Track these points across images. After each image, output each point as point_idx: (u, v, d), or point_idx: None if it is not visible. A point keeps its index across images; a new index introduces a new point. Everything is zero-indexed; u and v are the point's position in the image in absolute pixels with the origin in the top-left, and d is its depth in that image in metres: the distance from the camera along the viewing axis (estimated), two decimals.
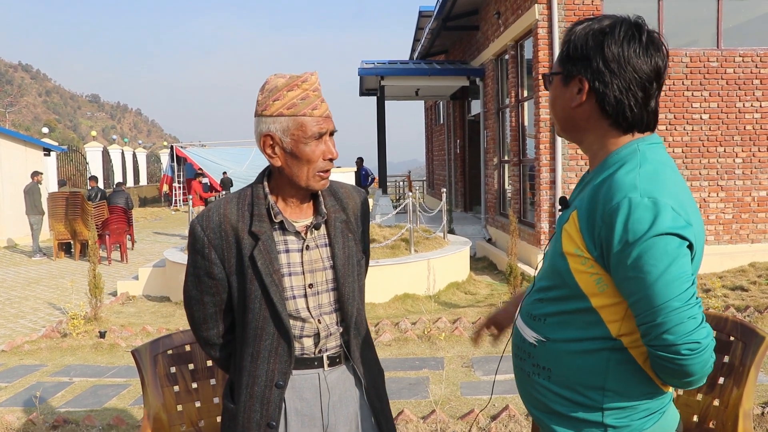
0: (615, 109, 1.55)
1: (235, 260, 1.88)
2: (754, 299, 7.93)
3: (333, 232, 1.96)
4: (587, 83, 1.56)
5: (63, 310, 8.83)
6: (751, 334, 2.48)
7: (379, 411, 2.04)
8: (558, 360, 1.61)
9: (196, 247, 1.91)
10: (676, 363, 1.42)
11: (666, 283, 1.39)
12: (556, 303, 1.62)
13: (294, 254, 1.91)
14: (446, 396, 4.98)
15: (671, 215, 1.40)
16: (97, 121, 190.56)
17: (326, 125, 1.85)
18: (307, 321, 1.91)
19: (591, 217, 1.49)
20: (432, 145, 25.23)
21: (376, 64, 15.97)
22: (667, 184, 1.46)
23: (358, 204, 2.07)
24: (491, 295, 9.18)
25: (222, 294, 1.93)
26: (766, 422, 4.27)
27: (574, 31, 1.60)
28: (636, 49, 1.53)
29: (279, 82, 1.83)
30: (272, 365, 1.89)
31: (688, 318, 1.39)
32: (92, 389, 5.45)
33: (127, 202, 14.34)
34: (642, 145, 1.55)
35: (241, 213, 1.89)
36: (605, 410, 1.56)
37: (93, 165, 27.69)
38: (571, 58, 1.59)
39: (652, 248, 1.39)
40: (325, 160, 1.87)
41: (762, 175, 10.48)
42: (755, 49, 10.33)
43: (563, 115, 1.65)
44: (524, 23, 10.78)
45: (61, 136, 77.52)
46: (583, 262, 1.52)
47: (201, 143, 33.67)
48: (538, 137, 10.35)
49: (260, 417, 1.89)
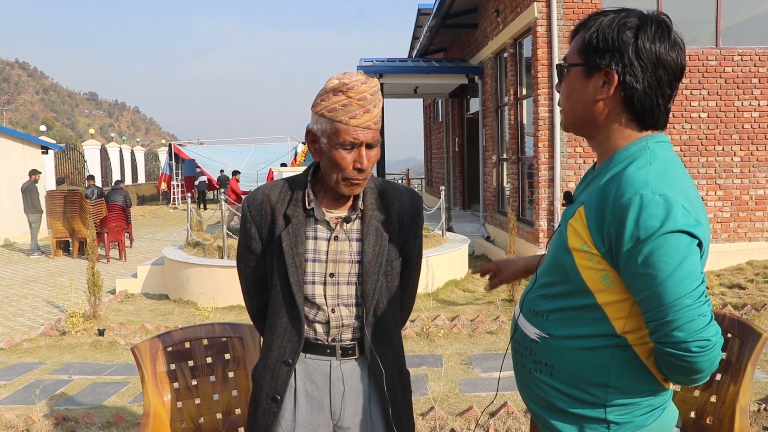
0: (643, 104, 1.54)
1: (268, 238, 2.00)
2: (751, 297, 7.95)
3: (366, 228, 1.99)
4: (617, 76, 1.53)
5: (62, 308, 8.83)
6: (748, 330, 2.50)
7: (393, 415, 2.02)
8: (561, 357, 1.60)
9: (243, 221, 2.06)
10: (685, 360, 1.42)
11: (677, 280, 1.39)
12: (560, 299, 1.61)
13: (321, 242, 1.98)
14: (445, 393, 4.99)
15: (682, 213, 1.40)
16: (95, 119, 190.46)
17: (362, 136, 1.86)
18: (321, 308, 1.98)
19: (600, 212, 1.49)
20: (430, 143, 25.24)
21: (374, 62, 15.97)
22: (677, 182, 1.46)
23: (406, 206, 2.08)
24: (490, 292, 9.19)
25: (260, 268, 2.04)
26: (763, 419, 4.29)
27: (600, 21, 1.57)
28: (666, 47, 1.52)
29: (330, 84, 1.86)
30: (285, 342, 1.99)
31: (699, 315, 1.39)
32: (91, 387, 5.46)
33: (125, 200, 14.35)
34: (651, 143, 1.55)
35: (282, 196, 2.01)
36: (608, 407, 1.56)
37: (91, 163, 27.65)
38: (599, 50, 1.55)
39: (664, 245, 1.39)
40: (354, 169, 1.89)
41: (760, 173, 10.49)
42: (754, 47, 10.34)
43: (581, 108, 1.61)
44: (523, 21, 10.79)
45: (58, 134, 77.42)
46: (589, 258, 1.52)
47: (199, 141, 33.64)
48: (537, 135, 10.36)
49: (269, 388, 2.01)
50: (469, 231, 13.95)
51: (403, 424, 2.07)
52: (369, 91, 1.86)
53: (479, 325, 6.94)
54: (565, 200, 1.70)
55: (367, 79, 1.87)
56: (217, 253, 9.30)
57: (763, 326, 6.45)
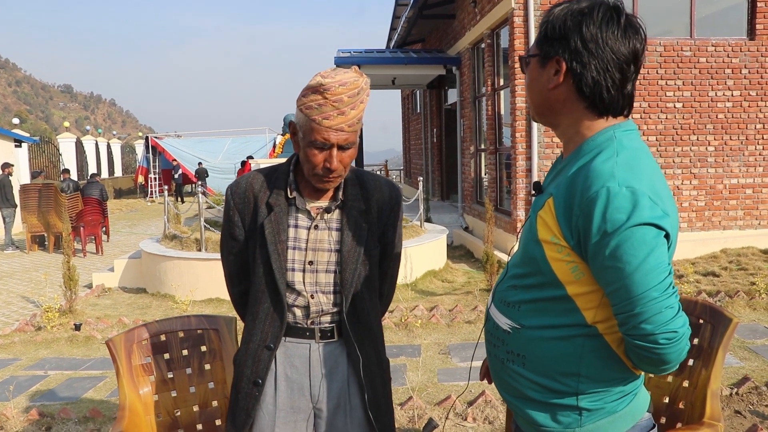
0: (592, 90, 1.54)
1: (251, 226, 2.04)
2: (725, 284, 8.07)
3: (346, 218, 2.04)
4: (565, 64, 1.55)
5: (37, 304, 8.74)
6: (719, 316, 2.53)
7: (371, 397, 2.08)
8: (532, 347, 1.61)
9: (226, 209, 2.10)
10: (653, 352, 1.43)
11: (644, 273, 1.40)
12: (531, 290, 1.62)
13: (302, 231, 2.03)
14: (423, 383, 5.01)
15: (649, 205, 1.40)
16: (70, 112, 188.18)
17: (334, 138, 1.88)
18: (300, 294, 2.02)
19: (568, 205, 1.49)
20: (409, 135, 25.23)
21: (352, 53, 15.92)
22: (644, 173, 1.46)
23: (385, 197, 2.13)
24: (468, 282, 9.24)
25: (242, 255, 2.09)
26: (735, 403, 4.36)
27: (553, 12, 1.60)
28: (614, 31, 1.52)
29: (313, 81, 1.88)
30: (267, 328, 2.03)
31: (666, 308, 1.41)
32: (68, 382, 5.41)
33: (101, 193, 14.20)
34: (618, 132, 1.55)
35: (265, 184, 2.05)
36: (580, 395, 1.57)
37: (66, 156, 27.32)
38: (548, 38, 1.59)
39: (631, 238, 1.39)
40: (324, 168, 1.92)
41: (733, 163, 10.62)
42: (727, 39, 10.45)
43: (540, 97, 1.64)
44: (500, 12, 10.81)
45: (32, 127, 76.42)
46: (559, 250, 1.52)
47: (176, 134, 33.40)
48: (514, 126, 10.40)
49: (250, 372, 2.05)
50: (448, 221, 13.99)
51: (381, 410, 2.11)
52: (347, 93, 1.86)
53: (457, 315, 6.97)
54: (535, 190, 1.71)
55: (348, 81, 1.87)
56: (195, 246, 9.25)
57: (736, 313, 6.55)
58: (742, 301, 6.87)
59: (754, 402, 4.35)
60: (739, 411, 4.22)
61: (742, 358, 5.29)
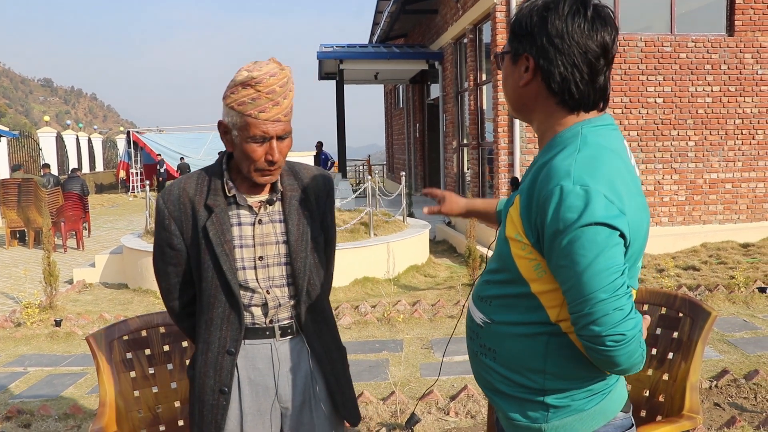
0: (561, 86, 1.51)
1: (191, 232, 1.98)
2: (705, 278, 8.15)
3: (288, 209, 2.03)
4: (533, 61, 1.53)
5: (17, 300, 8.65)
6: (698, 310, 2.56)
7: (334, 386, 2.09)
8: (501, 342, 1.61)
9: (159, 219, 2.01)
10: (603, 353, 1.42)
11: (593, 273, 1.37)
12: (501, 286, 1.62)
13: (246, 227, 1.99)
14: (406, 377, 5.02)
15: (603, 204, 1.37)
16: (51, 106, 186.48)
17: (272, 130, 1.87)
18: (255, 291, 1.99)
19: (529, 202, 1.48)
20: (392, 129, 25.24)
21: (335, 48, 15.88)
22: (603, 171, 1.42)
23: (320, 184, 2.13)
24: (451, 277, 9.26)
25: (183, 264, 2.03)
26: (714, 395, 4.40)
27: (521, 7, 1.58)
28: (581, 24, 1.48)
29: (240, 76, 1.85)
30: (224, 332, 1.98)
31: (614, 309, 1.38)
32: (48, 378, 5.37)
33: (82, 188, 14.07)
34: (586, 128, 1.52)
35: (200, 187, 1.99)
36: (546, 391, 1.56)
37: (46, 151, 27.02)
38: (516, 35, 1.56)
39: (581, 238, 1.37)
40: (266, 161, 1.91)
41: (713, 158, 10.73)
42: (707, 35, 10.53)
43: (513, 94, 1.62)
44: (482, 7, 10.82)
45: (12, 121, 75.57)
46: (522, 247, 1.52)
47: (158, 128, 33.17)
48: (497, 120, 10.43)
49: (213, 383, 1.99)
50: (430, 216, 14.01)
51: (345, 396, 2.14)
52: (278, 83, 1.85)
53: (440, 310, 6.99)
54: (512, 186, 1.71)
55: (277, 71, 1.86)
56: None
57: (716, 306, 6.62)
58: (721, 295, 6.94)
59: (733, 394, 4.39)
60: (718, 403, 4.26)
61: (722, 351, 5.35)
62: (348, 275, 8.66)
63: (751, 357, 5.19)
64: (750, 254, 9.72)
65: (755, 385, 4.48)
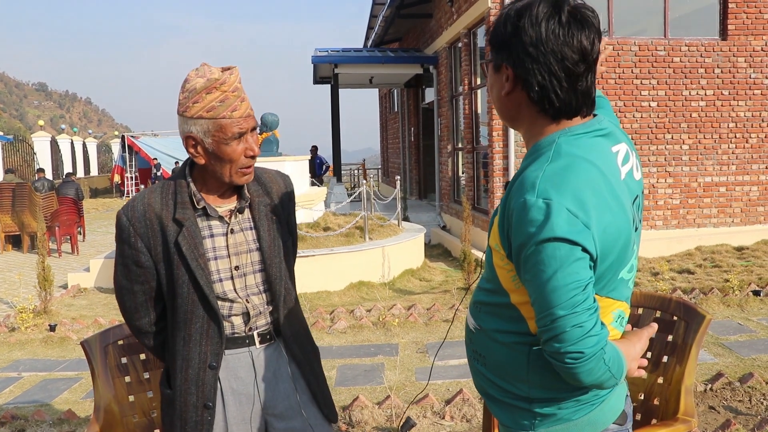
0: (540, 95, 1.47)
1: (161, 247, 1.93)
2: (699, 281, 8.17)
3: (257, 215, 2.02)
4: (511, 70, 1.49)
5: (11, 304, 8.62)
6: (692, 313, 2.56)
7: (315, 387, 2.10)
8: (490, 349, 1.62)
9: (123, 236, 1.95)
10: (563, 370, 1.40)
11: (551, 290, 1.35)
12: (488, 294, 1.62)
13: (219, 238, 1.97)
14: (401, 381, 5.02)
15: (565, 219, 1.34)
16: (45, 110, 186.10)
17: (246, 124, 1.88)
18: (235, 302, 1.97)
19: (503, 214, 1.47)
20: (387, 134, 25.26)
21: (329, 52, 15.90)
22: (571, 183, 1.38)
23: (282, 188, 2.14)
24: (446, 281, 9.26)
25: (151, 282, 1.97)
26: (709, 398, 4.41)
27: (498, 15, 1.54)
28: (555, 30, 1.42)
29: (198, 84, 1.83)
30: (204, 347, 1.95)
31: (572, 326, 1.35)
32: (42, 384, 5.35)
33: (77, 193, 14.04)
34: (562, 138, 1.48)
35: (165, 201, 1.95)
36: (532, 399, 1.56)
37: (41, 155, 26.99)
38: (494, 45, 1.53)
39: (541, 253, 1.35)
40: (246, 158, 1.91)
41: (707, 161, 10.76)
42: (700, 38, 10.57)
43: (498, 103, 1.60)
44: (477, 11, 10.85)
45: (6, 125, 75.34)
46: (501, 258, 1.51)
47: (153, 132, 33.10)
48: (491, 124, 10.45)
49: (197, 399, 1.95)
50: (426, 220, 14.03)
51: (325, 395, 2.14)
52: (237, 80, 1.87)
53: (435, 314, 6.99)
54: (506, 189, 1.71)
55: (230, 70, 1.87)
56: None
57: (711, 309, 6.64)
58: (716, 298, 6.96)
59: (728, 397, 4.41)
60: (713, 407, 4.28)
61: (716, 354, 5.36)
62: (343, 279, 8.66)
63: (745, 360, 5.20)
64: (744, 257, 9.75)
65: (750, 388, 4.49)
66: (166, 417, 2.03)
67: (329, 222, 9.89)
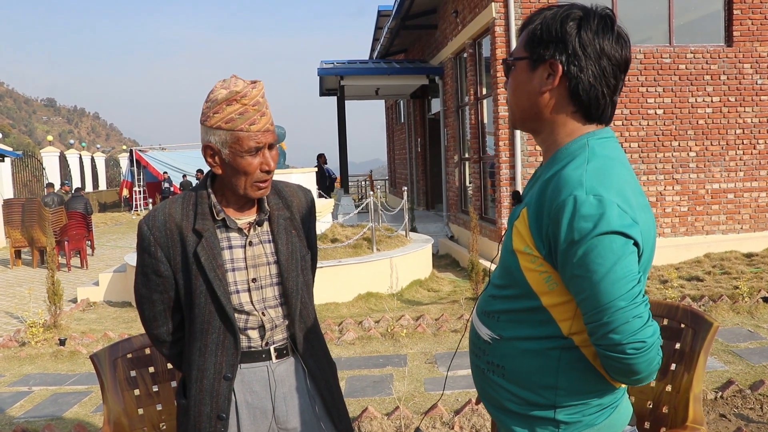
0: (588, 94, 1.53)
1: (180, 257, 1.95)
2: (708, 289, 8.14)
3: (276, 228, 2.03)
4: (561, 67, 1.53)
5: (21, 319, 8.66)
6: (700, 320, 2.56)
7: (330, 403, 2.09)
8: (511, 358, 1.60)
9: (143, 245, 1.97)
10: (622, 362, 1.42)
11: (611, 282, 1.38)
12: (509, 301, 1.60)
13: (237, 250, 1.98)
14: (410, 392, 5.01)
15: (617, 213, 1.38)
16: (54, 126, 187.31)
17: (264, 139, 1.89)
18: (251, 314, 1.97)
19: (539, 214, 1.48)
20: (393, 145, 25.30)
21: (335, 64, 15.97)
22: (614, 181, 1.44)
23: (303, 202, 2.15)
24: (454, 291, 9.25)
25: (170, 291, 1.99)
26: (719, 406, 4.39)
27: (543, 15, 1.57)
28: (610, 38, 1.52)
29: (220, 95, 1.86)
30: (220, 358, 1.95)
31: (633, 317, 1.39)
32: (52, 398, 5.37)
33: (86, 207, 14.12)
34: (592, 140, 1.53)
35: (186, 212, 1.97)
36: (557, 407, 1.55)
37: (50, 170, 27.13)
38: (543, 41, 1.55)
39: (597, 247, 1.37)
40: (262, 172, 1.92)
41: (715, 168, 10.73)
42: (705, 45, 10.57)
43: (527, 101, 1.60)
44: (482, 21, 10.88)
45: (15, 141, 75.82)
46: (532, 260, 1.51)
47: (161, 146, 33.26)
48: (498, 134, 10.46)
49: (210, 410, 1.95)
50: (433, 231, 14.03)
51: (341, 413, 2.13)
52: (260, 95, 1.88)
53: (444, 324, 6.98)
54: (514, 199, 1.70)
55: (254, 84, 1.89)
56: None
57: (720, 317, 6.61)
58: (725, 305, 6.93)
59: (739, 405, 4.38)
60: (723, 414, 4.25)
61: (726, 362, 5.34)
62: (351, 290, 8.66)
63: (756, 367, 5.17)
64: (754, 264, 9.70)
65: (761, 395, 4.47)
66: (180, 427, 2.04)
67: (337, 233, 9.91)
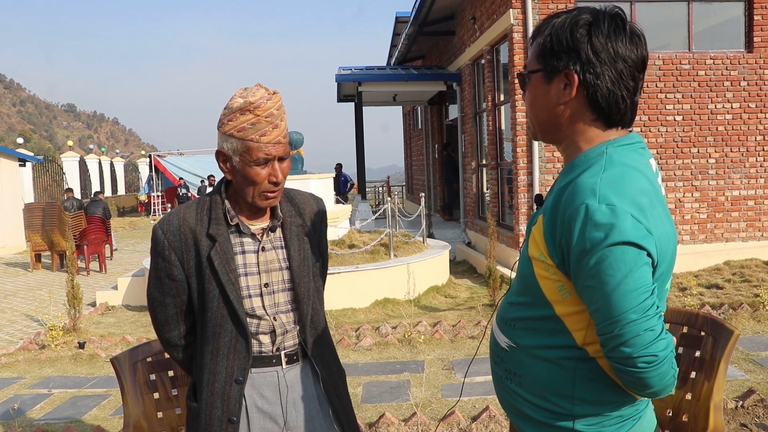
0: (608, 100, 1.49)
1: (194, 262, 1.98)
2: (728, 297, 8.06)
3: (289, 235, 2.06)
4: (576, 76, 1.49)
5: (41, 322, 8.75)
6: (720, 328, 2.54)
7: (339, 409, 2.11)
8: (527, 367, 1.58)
9: (157, 249, 2.01)
10: (634, 375, 1.38)
11: (622, 294, 1.34)
12: (524, 308, 1.58)
13: (250, 255, 2.01)
14: (427, 398, 5.01)
15: (631, 223, 1.34)
16: (74, 131, 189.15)
17: (273, 151, 1.91)
18: (262, 319, 2.00)
19: (553, 222, 1.45)
20: (411, 150, 25.30)
21: (353, 71, 16.00)
22: (629, 190, 1.39)
23: (314, 210, 2.18)
24: (471, 298, 9.23)
25: (182, 295, 2.02)
26: (740, 415, 4.34)
27: (553, 24, 1.53)
28: (623, 39, 1.48)
29: (236, 104, 1.88)
30: (231, 362, 1.97)
31: (645, 330, 1.34)
32: (72, 400, 5.41)
33: (104, 211, 14.24)
34: (611, 148, 1.49)
35: (200, 217, 2.00)
36: (575, 417, 1.52)
37: (70, 175, 27.44)
38: (555, 52, 1.52)
39: (609, 257, 1.34)
40: (270, 183, 1.94)
41: (734, 174, 10.64)
42: (725, 51, 10.50)
43: (546, 114, 1.57)
44: (499, 28, 10.87)
45: (36, 146, 76.63)
46: (546, 268, 1.49)
47: (179, 151, 33.51)
48: (515, 140, 10.44)
49: (221, 413, 1.97)
50: (450, 237, 14.00)
51: (350, 419, 2.15)
52: (274, 106, 1.90)
53: (461, 331, 6.97)
54: (536, 203, 1.68)
55: (271, 95, 1.90)
56: None
57: (740, 325, 6.54)
58: (746, 313, 6.86)
59: (760, 415, 4.33)
60: (744, 424, 4.21)
61: (747, 371, 5.28)
62: (368, 296, 8.67)
63: None
64: None
65: None
66: (191, 430, 2.05)
67: (354, 239, 9.92)
